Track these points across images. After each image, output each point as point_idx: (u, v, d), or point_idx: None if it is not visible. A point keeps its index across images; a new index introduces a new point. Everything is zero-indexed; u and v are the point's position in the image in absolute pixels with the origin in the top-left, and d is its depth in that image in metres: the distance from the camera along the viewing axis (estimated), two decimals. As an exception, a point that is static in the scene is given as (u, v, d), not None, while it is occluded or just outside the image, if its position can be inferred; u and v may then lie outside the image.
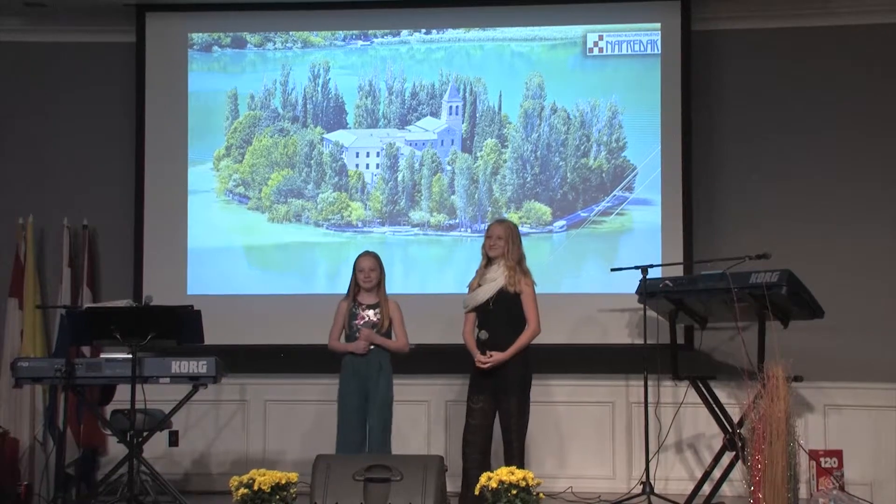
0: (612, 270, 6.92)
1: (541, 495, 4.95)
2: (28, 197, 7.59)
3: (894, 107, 7.22)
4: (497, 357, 6.04)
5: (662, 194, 7.27)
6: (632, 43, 7.41)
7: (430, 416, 7.41)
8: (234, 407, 7.51)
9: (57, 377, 6.00)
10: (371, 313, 6.30)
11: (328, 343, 6.36)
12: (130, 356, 5.97)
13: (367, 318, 6.29)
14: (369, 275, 6.30)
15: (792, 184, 7.29)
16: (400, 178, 7.49)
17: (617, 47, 7.43)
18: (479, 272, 6.25)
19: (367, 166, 7.53)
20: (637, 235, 7.30)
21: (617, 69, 7.43)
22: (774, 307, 6.13)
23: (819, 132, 7.30)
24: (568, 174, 7.39)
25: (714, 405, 6.47)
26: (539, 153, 7.42)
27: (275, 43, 7.67)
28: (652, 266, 6.58)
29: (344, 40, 7.64)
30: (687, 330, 7.03)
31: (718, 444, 6.42)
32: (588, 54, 7.46)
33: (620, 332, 7.21)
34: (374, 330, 6.26)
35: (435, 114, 7.53)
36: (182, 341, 6.18)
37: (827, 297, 6.39)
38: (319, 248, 7.52)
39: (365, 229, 7.49)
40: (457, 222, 7.45)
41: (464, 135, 7.48)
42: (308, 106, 7.59)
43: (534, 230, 7.35)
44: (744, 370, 5.79)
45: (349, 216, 7.51)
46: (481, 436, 6.09)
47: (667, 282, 6.52)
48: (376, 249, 6.55)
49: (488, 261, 6.23)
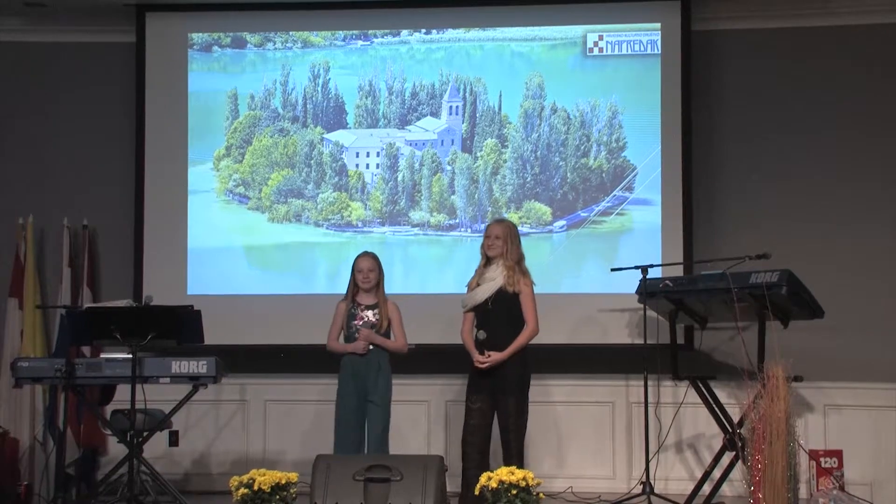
0: (612, 270, 6.92)
1: (541, 495, 4.94)
2: (28, 197, 7.58)
3: (894, 107, 7.22)
4: (495, 357, 6.03)
5: (662, 194, 7.27)
6: (632, 43, 7.41)
7: (430, 416, 7.41)
8: (234, 407, 7.51)
9: (57, 377, 6.00)
10: (370, 314, 6.29)
11: (327, 343, 6.35)
12: (130, 356, 5.96)
13: (366, 319, 6.28)
14: (368, 275, 6.29)
15: (792, 184, 7.28)
16: (400, 178, 7.49)
17: (617, 47, 7.43)
18: (478, 272, 6.24)
19: (367, 166, 7.53)
20: (637, 235, 7.30)
21: (617, 69, 7.43)
22: (774, 307, 6.13)
23: (819, 132, 7.30)
24: (568, 174, 7.39)
25: (714, 405, 6.46)
26: (539, 153, 7.41)
27: (275, 43, 7.67)
28: (652, 266, 6.58)
29: (344, 40, 7.64)
30: (687, 330, 7.03)
31: (718, 444, 6.41)
32: (588, 54, 7.45)
33: (620, 332, 7.21)
34: (374, 330, 6.26)
35: (435, 114, 7.52)
36: (182, 341, 6.18)
37: (827, 297, 6.39)
38: (319, 248, 7.52)
39: (365, 229, 7.49)
40: (457, 222, 7.45)
41: (464, 135, 7.47)
42: (308, 106, 7.59)
43: (534, 230, 7.35)
44: (744, 370, 5.78)
45: (349, 216, 7.50)
46: (480, 436, 6.08)
47: (667, 282, 6.52)
48: (376, 249, 6.56)
49: (487, 260, 6.22)
